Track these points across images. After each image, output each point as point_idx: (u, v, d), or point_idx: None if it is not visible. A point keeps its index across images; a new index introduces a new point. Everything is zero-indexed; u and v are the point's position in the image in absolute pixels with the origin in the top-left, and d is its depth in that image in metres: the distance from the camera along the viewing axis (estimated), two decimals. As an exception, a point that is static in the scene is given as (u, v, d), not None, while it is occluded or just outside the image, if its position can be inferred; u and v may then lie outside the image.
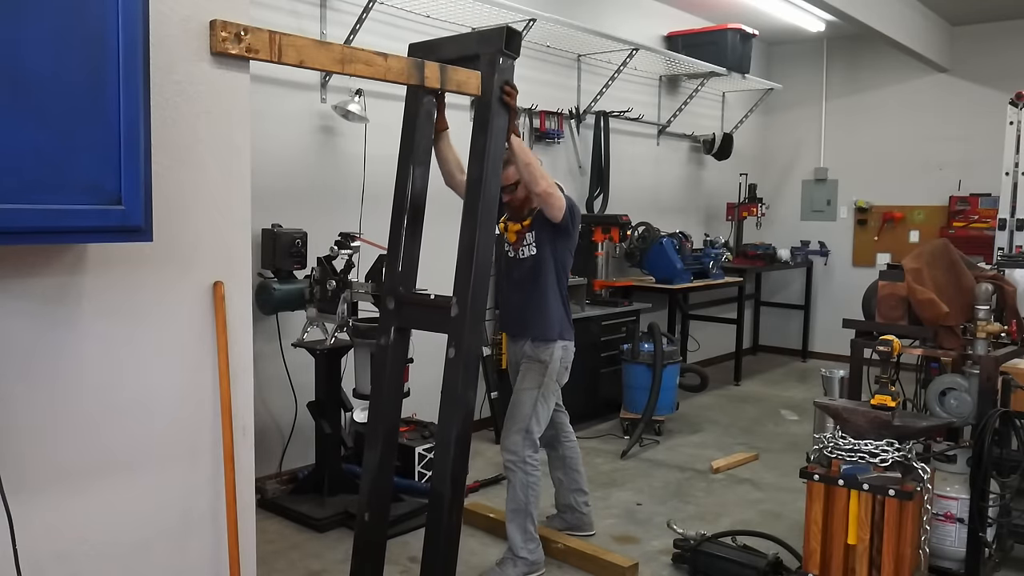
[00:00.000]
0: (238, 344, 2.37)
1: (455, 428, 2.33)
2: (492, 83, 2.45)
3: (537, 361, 3.49)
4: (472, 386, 2.39)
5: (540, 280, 3.50)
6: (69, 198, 1.72)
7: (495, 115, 2.45)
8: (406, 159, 2.64)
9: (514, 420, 3.47)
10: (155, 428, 2.23)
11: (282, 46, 2.26)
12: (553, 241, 3.47)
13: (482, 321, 2.42)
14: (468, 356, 2.36)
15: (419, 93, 2.63)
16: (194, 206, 2.25)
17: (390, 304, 2.60)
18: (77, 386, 2.06)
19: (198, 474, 2.33)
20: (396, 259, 2.62)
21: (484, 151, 2.42)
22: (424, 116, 2.67)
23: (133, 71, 1.78)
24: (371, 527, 2.60)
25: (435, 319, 2.50)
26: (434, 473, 2.42)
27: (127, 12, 1.76)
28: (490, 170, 2.39)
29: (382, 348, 2.59)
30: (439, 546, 2.37)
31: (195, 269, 2.28)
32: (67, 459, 2.06)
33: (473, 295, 2.37)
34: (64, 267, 2.01)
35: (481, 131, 2.45)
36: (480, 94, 2.56)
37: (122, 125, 1.77)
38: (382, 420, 2.60)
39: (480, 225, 2.38)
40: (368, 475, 2.61)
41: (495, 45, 2.47)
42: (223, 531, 2.36)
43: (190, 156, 2.22)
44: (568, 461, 3.86)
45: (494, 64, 2.44)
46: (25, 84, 1.65)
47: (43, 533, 2.02)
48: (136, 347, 2.17)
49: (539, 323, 3.50)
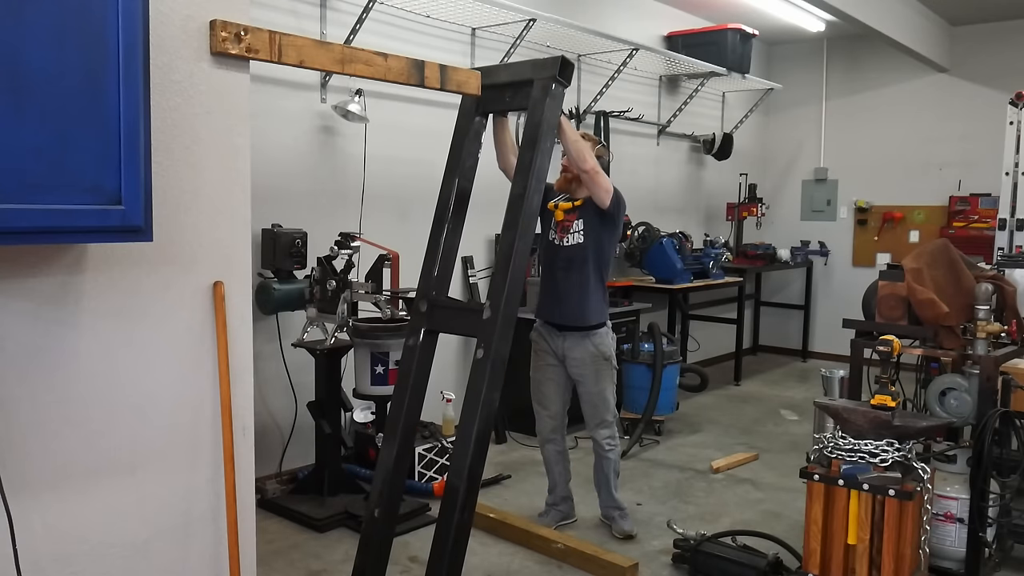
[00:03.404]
0: (238, 344, 2.38)
1: (476, 425, 2.39)
2: (544, 106, 2.56)
3: (604, 359, 3.78)
4: (497, 388, 2.45)
5: (587, 269, 3.68)
6: (69, 198, 1.72)
7: (543, 136, 2.55)
8: (452, 172, 2.75)
9: (603, 412, 3.85)
10: (155, 428, 2.23)
11: (282, 46, 2.27)
12: (599, 230, 3.67)
13: (512, 326, 2.49)
14: (496, 359, 2.43)
15: (470, 112, 2.75)
16: (194, 206, 2.25)
17: (422, 307, 2.68)
18: (77, 386, 2.06)
19: (198, 474, 2.33)
20: (433, 265, 2.72)
21: (529, 167, 2.52)
22: (472, 135, 2.76)
23: (133, 71, 1.78)
24: (380, 524, 2.62)
25: (466, 322, 2.59)
26: (451, 468, 2.45)
27: (127, 12, 1.76)
28: (533, 185, 2.49)
29: (410, 348, 2.66)
30: (449, 540, 2.39)
31: (195, 269, 2.28)
32: (67, 459, 2.06)
33: (507, 300, 2.45)
34: (64, 267, 2.01)
35: (528, 148, 2.54)
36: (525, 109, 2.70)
37: (122, 125, 1.77)
38: (402, 418, 2.65)
39: (519, 236, 2.48)
40: (382, 471, 2.64)
41: (549, 72, 2.59)
42: (223, 531, 2.36)
43: (190, 156, 2.22)
44: (568, 455, 4.07)
45: (547, 89, 2.57)
46: (25, 84, 1.65)
47: (43, 533, 2.02)
48: (136, 347, 2.17)
49: (590, 312, 3.72)
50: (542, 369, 3.88)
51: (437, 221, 2.75)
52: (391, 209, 4.90)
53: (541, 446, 4.02)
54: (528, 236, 2.53)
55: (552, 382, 3.87)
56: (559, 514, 4.03)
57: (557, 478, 4.01)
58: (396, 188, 4.92)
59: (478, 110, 2.77)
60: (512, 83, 2.75)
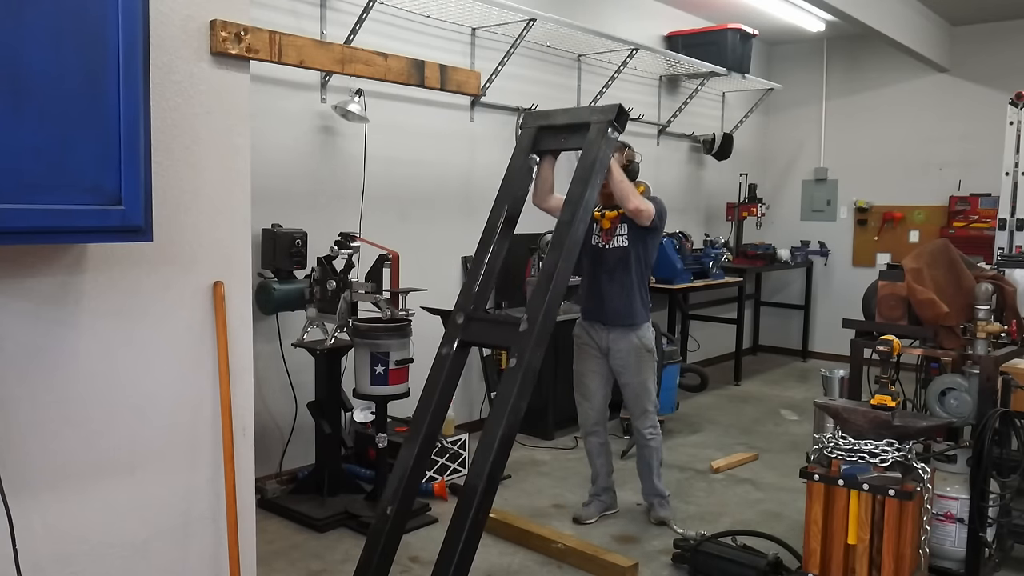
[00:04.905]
0: (238, 344, 2.38)
1: (502, 430, 2.49)
2: (598, 147, 2.75)
3: (647, 350, 3.99)
4: (525, 397, 2.55)
5: (631, 271, 3.93)
6: (69, 198, 1.72)
7: (595, 173, 2.75)
8: (503, 200, 2.95)
9: (644, 404, 4.05)
10: (155, 428, 2.23)
11: (282, 46, 2.27)
12: (643, 235, 3.91)
13: (547, 342, 2.62)
14: (528, 369, 2.53)
15: (526, 149, 2.98)
16: (194, 206, 2.25)
17: (459, 319, 2.82)
18: (77, 386, 2.06)
19: (198, 474, 2.33)
20: (475, 281, 2.87)
21: (580, 200, 2.70)
22: (526, 169, 2.98)
23: (133, 71, 1.78)
24: (392, 522, 2.66)
25: (501, 334, 2.72)
26: (472, 467, 2.54)
27: (127, 12, 1.76)
28: (580, 215, 2.68)
29: (443, 357, 2.80)
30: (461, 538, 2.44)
31: (195, 269, 2.28)
32: (67, 459, 2.06)
33: (544, 315, 2.58)
34: (64, 267, 2.02)
35: (580, 183, 2.73)
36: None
37: (122, 125, 1.77)
38: (427, 422, 2.75)
39: (563, 258, 2.65)
40: (400, 470, 2.71)
41: (606, 116, 2.80)
42: (223, 531, 2.36)
43: (190, 156, 2.23)
44: (610, 447, 4.27)
45: (602, 132, 2.77)
46: (25, 84, 1.65)
47: (43, 533, 2.02)
48: (136, 347, 2.17)
49: (635, 311, 3.95)
50: (585, 362, 4.08)
51: (483, 243, 2.92)
52: (391, 209, 4.90)
53: (584, 438, 4.23)
54: (571, 260, 2.70)
55: (595, 374, 4.07)
56: (602, 504, 4.19)
57: (599, 469, 4.18)
58: (396, 188, 4.92)
59: (534, 148, 3.00)
60: (569, 125, 2.97)
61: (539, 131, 2.96)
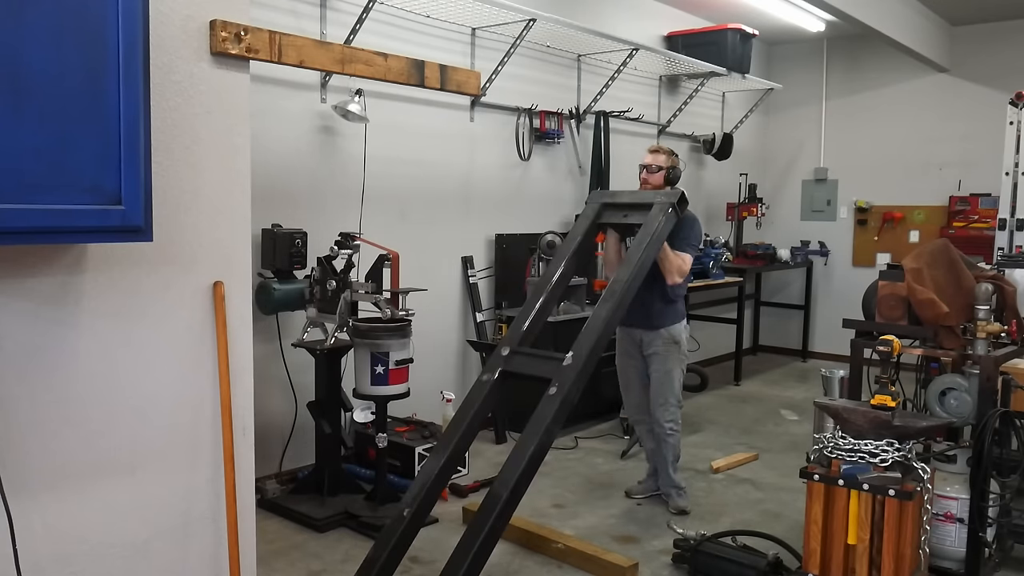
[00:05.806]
0: (238, 344, 2.38)
1: (533, 448, 2.62)
2: (658, 222, 3.16)
3: (673, 342, 4.19)
4: (559, 423, 2.70)
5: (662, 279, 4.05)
6: (69, 198, 1.72)
7: (652, 243, 3.14)
8: (561, 258, 3.31)
9: (666, 394, 4.22)
10: (155, 428, 2.23)
11: (282, 46, 2.27)
12: (680, 246, 4.05)
13: (587, 379, 2.79)
14: (566, 399, 2.69)
15: (592, 225, 3.39)
16: (194, 206, 2.25)
17: (504, 351, 3.00)
18: (76, 386, 2.06)
19: (198, 474, 2.33)
20: (524, 321, 3.11)
21: (637, 262, 3.05)
22: (586, 237, 3.39)
23: (133, 71, 1.78)
24: (407, 524, 2.70)
25: (544, 367, 2.88)
26: (499, 477, 2.66)
27: (127, 12, 1.76)
28: (635, 273, 3.01)
29: (483, 383, 2.97)
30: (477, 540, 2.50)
31: (195, 269, 2.28)
32: (66, 459, 2.06)
33: (589, 355, 2.76)
34: (64, 267, 2.02)
35: (638, 248, 3.12)
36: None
37: (122, 125, 1.77)
38: (457, 438, 2.88)
39: (616, 307, 2.93)
40: (424, 476, 2.83)
41: (669, 200, 3.22)
42: (223, 531, 2.36)
43: (190, 156, 2.23)
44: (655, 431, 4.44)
45: (664, 211, 3.16)
46: (25, 84, 1.65)
47: (43, 533, 2.02)
48: (136, 347, 2.17)
49: (669, 313, 4.18)
50: (624, 357, 4.35)
51: (536, 289, 3.27)
52: (391, 209, 4.90)
53: (634, 425, 4.59)
54: (622, 310, 3.00)
55: (633, 369, 4.33)
56: (653, 483, 4.42)
57: (650, 453, 4.42)
58: (396, 188, 4.92)
59: (597, 218, 3.40)
60: (632, 204, 3.40)
61: (603, 207, 3.40)
